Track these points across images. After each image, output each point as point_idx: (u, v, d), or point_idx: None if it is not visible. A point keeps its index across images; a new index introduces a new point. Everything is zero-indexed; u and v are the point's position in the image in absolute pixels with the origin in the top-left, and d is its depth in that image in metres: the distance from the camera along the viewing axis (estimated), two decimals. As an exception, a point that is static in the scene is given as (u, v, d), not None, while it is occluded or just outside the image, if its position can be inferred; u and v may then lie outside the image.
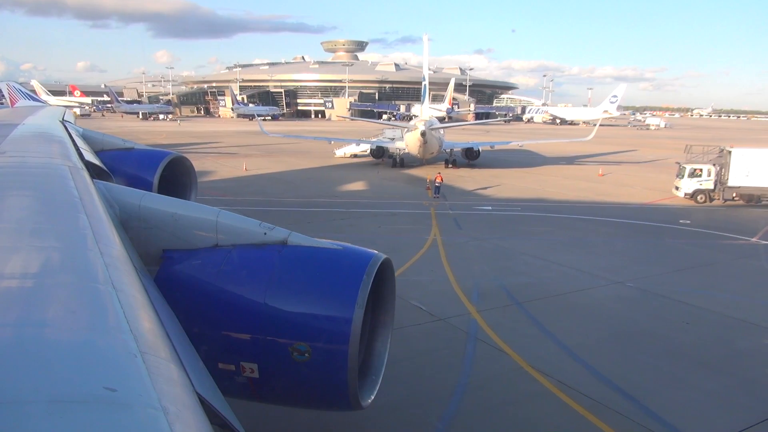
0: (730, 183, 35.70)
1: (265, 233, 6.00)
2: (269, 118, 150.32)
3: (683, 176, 36.73)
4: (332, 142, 59.37)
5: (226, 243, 5.97)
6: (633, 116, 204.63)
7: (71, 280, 3.51)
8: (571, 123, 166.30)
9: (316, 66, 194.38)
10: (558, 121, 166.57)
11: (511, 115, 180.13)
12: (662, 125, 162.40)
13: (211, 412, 2.94)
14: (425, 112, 52.52)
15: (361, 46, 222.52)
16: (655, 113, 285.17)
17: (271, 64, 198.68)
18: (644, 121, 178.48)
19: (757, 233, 28.08)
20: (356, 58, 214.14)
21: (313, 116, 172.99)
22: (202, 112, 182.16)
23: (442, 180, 37.13)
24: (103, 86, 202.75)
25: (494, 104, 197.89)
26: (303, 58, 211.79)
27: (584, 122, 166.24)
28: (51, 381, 2.31)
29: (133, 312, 3.23)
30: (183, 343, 3.92)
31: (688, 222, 30.65)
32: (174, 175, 11.22)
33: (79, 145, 9.58)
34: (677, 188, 37.27)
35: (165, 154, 11.37)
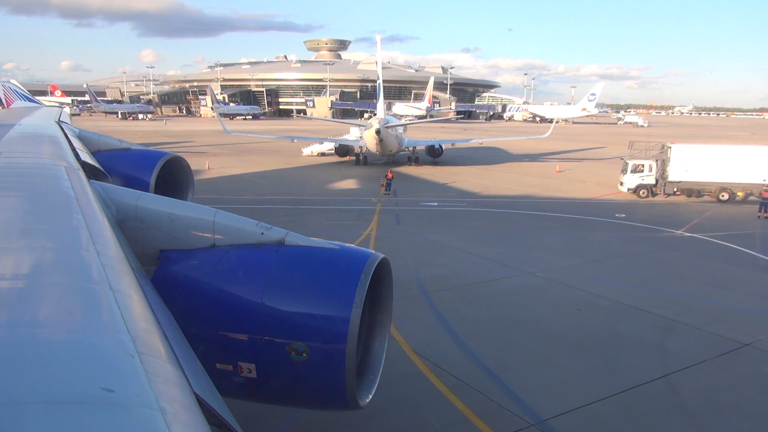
0: (671, 178, 36.83)
1: (262, 233, 6.02)
2: (250, 117, 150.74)
3: (626, 172, 37.82)
4: (294, 140, 59.96)
5: (224, 243, 5.98)
6: (616, 114, 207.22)
7: (68, 280, 3.50)
8: (551, 121, 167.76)
9: (298, 65, 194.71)
10: (538, 119, 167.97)
11: (491, 113, 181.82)
12: (640, 122, 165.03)
13: (208, 412, 2.94)
14: (380, 110, 53.23)
15: (344, 45, 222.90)
16: (638, 111, 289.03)
17: (252, 63, 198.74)
18: (623, 118, 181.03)
19: (684, 226, 29.15)
20: (339, 57, 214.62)
21: (294, 115, 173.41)
22: (184, 112, 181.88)
23: (392, 177, 38.02)
24: (85, 86, 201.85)
25: (476, 102, 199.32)
26: (285, 57, 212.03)
27: (564, 120, 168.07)
28: (48, 382, 2.32)
29: (131, 312, 3.23)
30: (180, 343, 3.93)
31: (624, 216, 31.67)
32: (171, 175, 11.26)
33: (75, 145, 9.64)
34: (621, 184, 38.35)
35: (162, 154, 11.38)
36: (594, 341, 15.20)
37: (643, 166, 37.45)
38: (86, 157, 8.96)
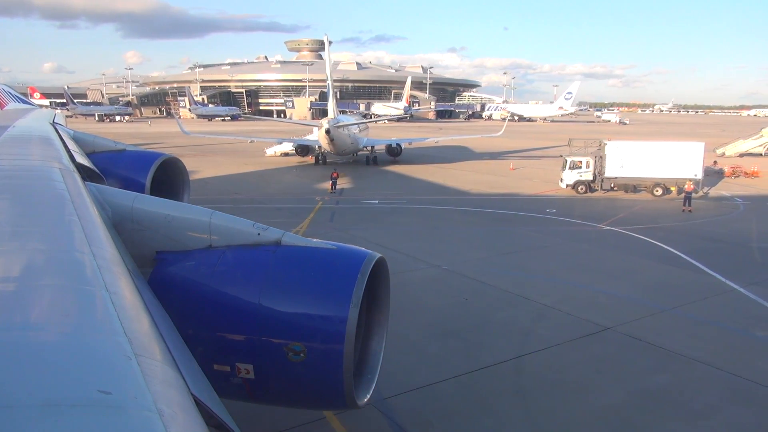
0: (607, 174, 37.94)
1: (258, 234, 6.02)
2: (228, 118, 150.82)
3: (565, 168, 38.88)
4: (253, 141, 60.55)
5: (220, 244, 5.98)
6: (598, 112, 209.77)
7: (64, 283, 3.49)
8: (529, 119, 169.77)
9: (278, 66, 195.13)
10: (516, 118, 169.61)
11: (470, 112, 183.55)
12: (617, 120, 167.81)
13: (206, 413, 2.95)
14: (331, 110, 53.81)
15: (324, 45, 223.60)
16: (621, 109, 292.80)
17: (233, 64, 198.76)
18: (601, 116, 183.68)
19: (608, 220, 30.19)
20: (320, 57, 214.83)
21: (275, 116, 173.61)
22: (164, 114, 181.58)
23: (337, 176, 38.87)
24: (66, 87, 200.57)
25: (456, 102, 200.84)
26: (266, 57, 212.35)
27: (542, 119, 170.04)
28: (45, 384, 2.32)
29: (127, 314, 3.22)
30: (178, 344, 3.91)
31: (554, 211, 32.67)
32: (167, 176, 11.25)
33: (70, 147, 9.63)
34: (561, 180, 39.40)
35: (157, 155, 11.36)
36: (466, 327, 16.06)
37: (580, 162, 38.55)
38: (81, 159, 9.02)
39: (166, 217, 6.18)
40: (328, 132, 46.87)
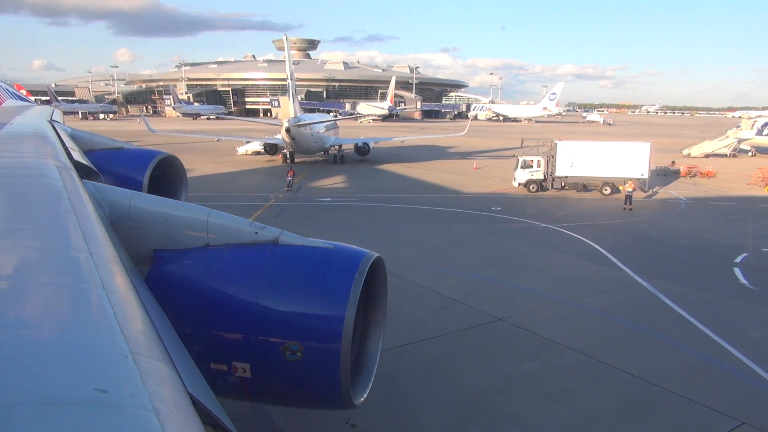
0: (557, 173, 38.72)
1: (256, 232, 6.07)
2: (213, 117, 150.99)
3: (517, 168, 39.64)
4: (220, 140, 61.00)
5: (217, 242, 6.01)
6: (586, 113, 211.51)
7: (61, 281, 3.48)
8: (514, 120, 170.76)
9: (265, 64, 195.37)
10: (501, 118, 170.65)
11: (456, 112, 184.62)
12: (601, 121, 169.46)
13: (203, 412, 2.95)
14: (292, 108, 54.09)
15: (313, 44, 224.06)
16: (610, 110, 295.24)
17: (219, 63, 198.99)
18: (587, 118, 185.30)
19: (548, 218, 30.92)
20: (308, 56, 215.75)
21: (261, 115, 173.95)
22: (150, 112, 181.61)
23: (293, 174, 39.49)
24: (54, 85, 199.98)
25: (443, 102, 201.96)
26: (253, 56, 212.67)
27: (526, 119, 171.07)
28: (41, 382, 2.31)
29: (124, 313, 3.22)
30: (174, 343, 3.93)
31: (499, 209, 33.38)
32: (164, 174, 11.30)
33: (67, 144, 9.63)
34: (515, 179, 40.16)
35: (155, 153, 11.38)
36: (365, 318, 16.69)
37: (532, 162, 39.32)
38: (78, 157, 9.01)
39: (163, 215, 6.20)
40: (288, 131, 47.45)
